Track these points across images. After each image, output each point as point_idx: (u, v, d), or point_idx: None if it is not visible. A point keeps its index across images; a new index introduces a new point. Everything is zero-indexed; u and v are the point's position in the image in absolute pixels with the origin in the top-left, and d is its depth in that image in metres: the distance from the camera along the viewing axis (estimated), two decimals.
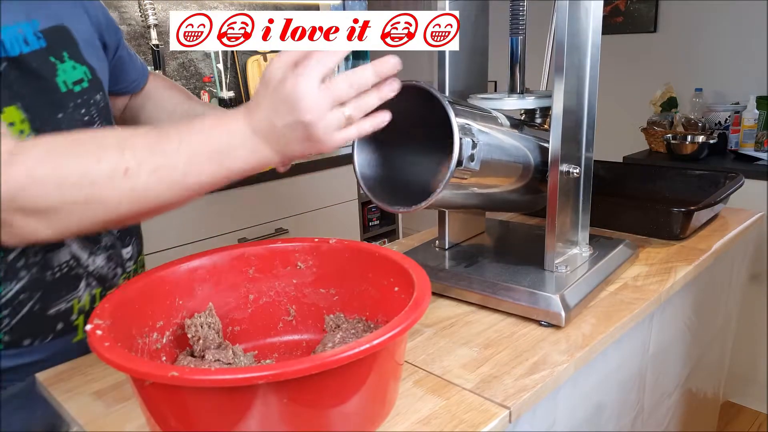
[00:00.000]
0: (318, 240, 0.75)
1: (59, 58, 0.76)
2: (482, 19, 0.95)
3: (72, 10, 0.82)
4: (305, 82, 0.56)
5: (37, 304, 0.76)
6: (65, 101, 0.76)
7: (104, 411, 0.65)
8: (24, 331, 0.76)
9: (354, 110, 0.58)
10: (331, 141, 0.58)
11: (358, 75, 0.58)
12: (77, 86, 0.78)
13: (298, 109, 0.56)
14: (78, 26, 0.81)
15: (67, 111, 0.76)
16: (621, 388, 0.90)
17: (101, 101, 0.82)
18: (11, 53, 0.70)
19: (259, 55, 2.48)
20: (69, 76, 0.77)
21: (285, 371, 0.46)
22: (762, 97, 2.27)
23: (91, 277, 0.81)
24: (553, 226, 0.84)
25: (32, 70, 0.72)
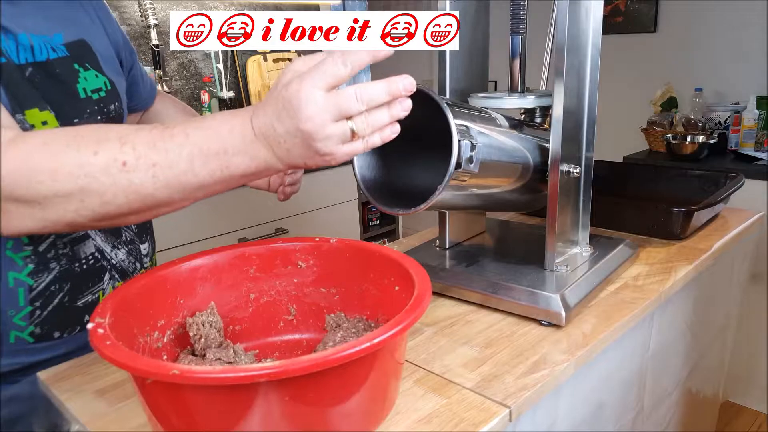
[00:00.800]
0: (319, 239, 0.75)
1: (83, 66, 0.80)
2: (482, 19, 0.96)
3: (91, 26, 0.85)
4: (308, 89, 0.53)
5: (66, 296, 0.77)
6: (83, 107, 0.78)
7: (106, 409, 0.65)
8: (54, 322, 0.77)
9: (361, 125, 0.55)
10: (332, 154, 0.56)
11: (369, 90, 0.55)
12: (96, 94, 0.81)
13: (299, 117, 0.53)
14: (97, 42, 0.84)
15: (83, 116, 0.78)
16: (621, 388, 0.90)
17: (115, 111, 0.84)
18: (39, 58, 0.74)
19: (259, 55, 2.48)
20: (89, 84, 0.80)
21: (286, 369, 0.46)
22: (762, 97, 2.27)
23: (114, 270, 0.83)
24: (554, 225, 0.85)
25: (56, 75, 0.75)
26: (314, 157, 0.56)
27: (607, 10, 2.76)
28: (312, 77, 0.53)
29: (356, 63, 0.54)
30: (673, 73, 2.62)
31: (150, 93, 1.03)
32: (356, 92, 0.54)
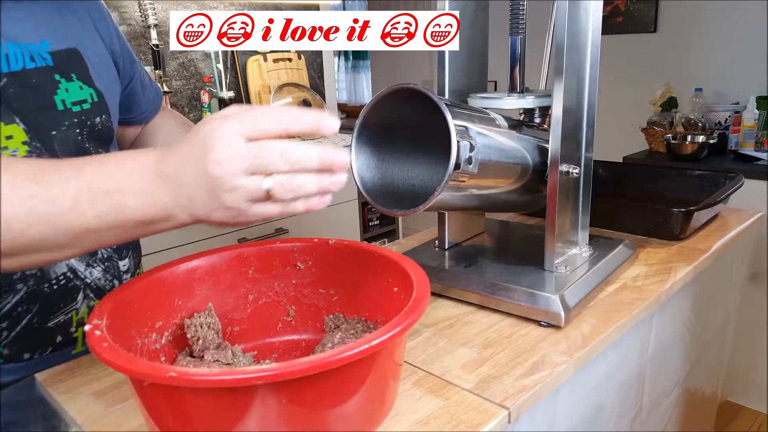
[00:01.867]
0: (317, 240, 0.75)
1: (66, 77, 0.76)
2: (482, 19, 0.95)
3: (85, 34, 0.82)
4: (227, 131, 0.47)
5: (35, 317, 0.75)
6: (61, 119, 0.75)
7: (103, 411, 0.65)
8: (23, 344, 0.75)
9: (279, 187, 0.48)
10: (240, 210, 0.48)
11: (297, 151, 0.48)
12: (77, 106, 0.77)
13: (208, 158, 0.46)
14: (91, 50, 0.81)
15: (60, 129, 0.75)
16: (620, 388, 0.90)
17: (101, 125, 0.81)
18: (14, 68, 0.70)
19: (259, 55, 2.48)
20: (71, 96, 0.76)
21: (284, 371, 0.46)
22: (762, 97, 2.27)
23: (88, 289, 0.81)
24: (553, 226, 0.84)
25: (31, 85, 0.72)
26: (219, 210, 0.49)
27: (607, 10, 2.76)
28: (235, 120, 0.47)
29: (293, 125, 0.48)
30: (673, 73, 2.62)
31: (152, 106, 0.99)
32: (283, 149, 0.47)
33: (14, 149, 0.70)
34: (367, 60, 4.78)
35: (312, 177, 0.49)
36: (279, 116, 0.48)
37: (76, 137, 0.77)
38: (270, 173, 0.47)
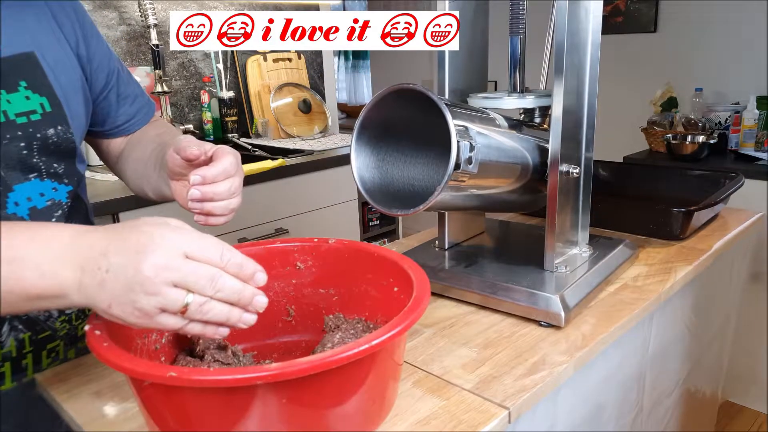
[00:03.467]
0: (317, 240, 0.75)
1: (11, 87, 0.70)
2: (482, 19, 0.95)
3: (48, 36, 0.76)
4: (172, 240, 0.48)
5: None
6: (2, 132, 0.70)
7: (103, 411, 0.65)
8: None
9: (195, 307, 0.48)
10: (146, 314, 0.48)
11: (225, 281, 0.49)
12: (22, 117, 0.71)
13: (145, 258, 0.46)
14: (51, 53, 0.75)
15: (2, 142, 0.70)
16: (621, 388, 0.90)
17: (56, 136, 0.74)
18: None
19: (259, 55, 2.48)
20: (14, 107, 0.71)
21: (284, 371, 0.46)
22: (762, 97, 2.27)
23: (16, 321, 0.75)
24: (553, 226, 0.84)
25: None
26: (126, 306, 0.47)
27: (607, 10, 2.76)
28: (184, 236, 0.49)
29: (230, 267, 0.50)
30: (673, 73, 2.62)
31: (135, 120, 0.90)
32: (213, 275, 0.49)
33: None
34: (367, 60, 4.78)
35: (225, 308, 0.50)
36: (224, 254, 0.50)
37: (20, 151, 0.71)
38: (191, 291, 0.48)
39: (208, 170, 0.65)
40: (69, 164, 0.78)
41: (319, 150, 2.23)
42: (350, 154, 0.78)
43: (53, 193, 0.76)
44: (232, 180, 0.66)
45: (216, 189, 0.65)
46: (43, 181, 0.75)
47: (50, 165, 0.75)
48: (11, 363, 0.76)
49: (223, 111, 2.37)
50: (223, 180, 0.66)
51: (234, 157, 0.67)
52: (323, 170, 2.13)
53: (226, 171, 0.66)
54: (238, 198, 0.68)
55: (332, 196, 2.21)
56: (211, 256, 0.49)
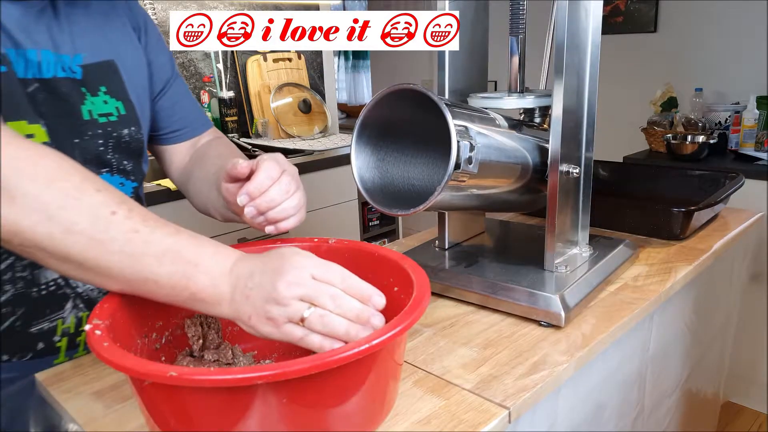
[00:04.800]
0: (317, 240, 0.75)
1: (93, 91, 0.78)
2: (482, 19, 0.95)
3: (127, 45, 0.83)
4: (304, 264, 0.55)
5: (19, 320, 0.75)
6: (85, 128, 0.77)
7: (103, 411, 0.65)
8: (3, 345, 0.75)
9: (315, 318, 0.54)
10: (276, 324, 0.54)
11: (345, 299, 0.55)
12: (103, 118, 0.78)
13: (282, 277, 0.53)
14: (129, 60, 0.83)
15: (84, 138, 0.77)
16: (621, 388, 0.90)
17: (130, 136, 0.82)
18: (45, 75, 0.73)
19: (259, 55, 2.48)
20: (96, 108, 0.78)
21: (284, 371, 0.46)
22: (762, 97, 2.27)
23: (78, 299, 0.79)
24: (553, 226, 0.84)
25: (60, 93, 0.74)
26: (261, 317, 0.54)
27: (607, 10, 2.76)
28: (312, 262, 0.56)
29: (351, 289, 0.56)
30: (673, 73, 2.62)
31: (188, 127, 0.95)
32: (334, 293, 0.55)
33: None
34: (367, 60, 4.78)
35: (344, 322, 0.55)
36: (345, 278, 0.56)
37: (98, 147, 0.78)
38: (315, 305, 0.54)
39: (251, 185, 0.67)
40: (136, 163, 0.85)
41: (319, 150, 2.23)
42: (350, 154, 0.78)
43: (120, 188, 0.82)
44: (279, 183, 0.69)
45: (267, 198, 0.68)
46: (113, 176, 0.81)
47: (120, 162, 0.82)
48: (68, 339, 0.79)
49: (223, 111, 2.37)
50: (270, 186, 0.68)
51: (273, 161, 0.70)
52: (323, 170, 2.13)
53: (270, 177, 0.68)
54: (296, 196, 0.71)
55: (332, 196, 2.21)
56: (334, 278, 0.55)
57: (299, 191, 0.72)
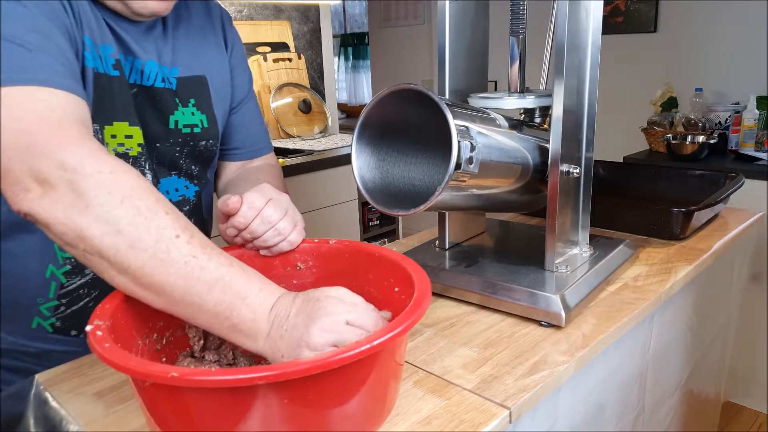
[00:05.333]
0: (318, 240, 0.75)
1: (184, 102, 0.84)
2: (482, 19, 0.95)
3: (218, 64, 0.89)
4: (340, 308, 0.56)
5: (92, 301, 0.82)
6: (167, 136, 0.83)
7: (104, 411, 0.65)
8: (75, 321, 0.82)
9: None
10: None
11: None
12: (187, 129, 0.85)
13: (316, 323, 0.55)
14: (218, 77, 0.88)
15: (165, 144, 0.83)
16: (621, 389, 0.90)
17: (206, 147, 0.88)
18: (146, 83, 0.79)
19: (258, 55, 2.48)
20: (184, 119, 0.84)
21: (285, 372, 0.46)
22: (762, 97, 2.26)
23: None
24: (554, 226, 0.84)
25: (155, 101, 0.81)
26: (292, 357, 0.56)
27: (607, 10, 2.76)
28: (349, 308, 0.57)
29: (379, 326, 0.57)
30: (673, 73, 2.62)
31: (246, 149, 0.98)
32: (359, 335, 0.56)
33: (128, 147, 0.79)
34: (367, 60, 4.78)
35: None
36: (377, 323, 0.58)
37: (174, 153, 0.84)
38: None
39: (234, 220, 0.72)
40: (203, 169, 0.90)
41: (319, 150, 2.23)
42: (351, 154, 0.78)
43: (185, 190, 0.89)
44: (261, 215, 0.72)
45: (249, 230, 0.72)
46: (180, 178, 0.87)
47: (189, 166, 0.88)
48: None
49: None
50: (253, 217, 0.71)
51: (257, 192, 0.73)
52: (323, 170, 2.14)
53: (253, 208, 0.71)
54: (283, 222, 0.73)
55: (332, 196, 2.21)
56: (366, 324, 0.56)
57: (287, 216, 0.74)
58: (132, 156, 0.79)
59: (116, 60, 0.75)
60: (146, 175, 0.81)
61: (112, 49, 0.75)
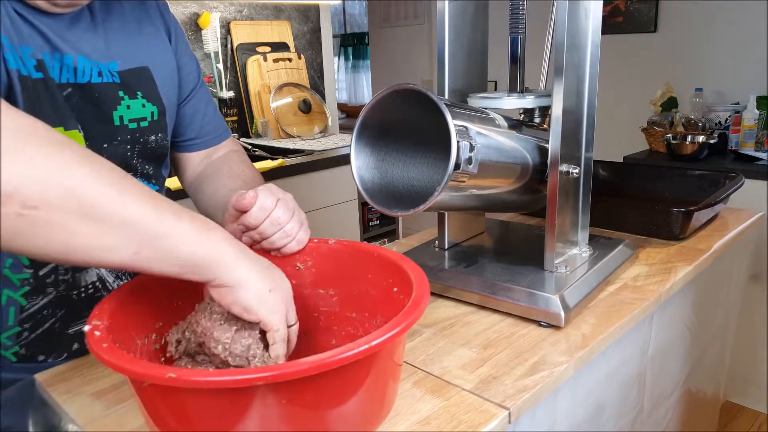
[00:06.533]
0: (317, 240, 0.75)
1: (132, 94, 0.79)
2: (481, 19, 0.95)
3: (161, 53, 0.84)
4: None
5: (58, 321, 0.78)
6: (115, 133, 0.78)
7: (103, 412, 0.65)
8: (41, 346, 0.78)
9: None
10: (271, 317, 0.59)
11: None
12: (133, 123, 0.80)
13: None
14: (162, 68, 0.83)
15: (113, 142, 0.78)
16: (621, 389, 0.90)
17: (155, 142, 0.83)
18: (80, 80, 0.74)
19: (258, 55, 2.48)
20: (130, 113, 0.79)
21: (284, 372, 0.46)
22: (762, 97, 2.26)
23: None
24: (553, 226, 0.84)
25: (94, 99, 0.75)
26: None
27: (607, 10, 2.76)
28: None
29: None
30: (673, 73, 2.62)
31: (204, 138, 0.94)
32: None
33: None
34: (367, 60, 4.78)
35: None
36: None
37: (125, 152, 0.79)
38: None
39: (247, 218, 0.70)
40: (157, 167, 0.86)
41: (319, 150, 2.23)
42: (350, 154, 0.78)
43: None
44: (271, 217, 0.70)
45: (259, 230, 0.71)
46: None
47: (144, 166, 0.83)
48: None
49: (223, 111, 2.37)
50: (264, 218, 0.70)
51: (268, 191, 0.71)
52: (323, 170, 2.14)
53: (263, 209, 0.70)
54: (290, 224, 0.72)
55: (332, 196, 2.21)
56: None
57: (295, 217, 0.73)
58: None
59: (38, 60, 0.69)
60: None
61: (32, 50, 0.69)
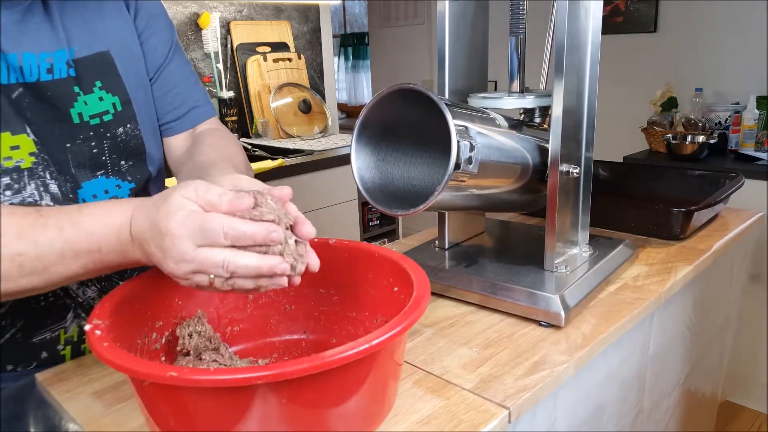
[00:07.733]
0: (317, 240, 0.75)
1: (87, 88, 0.74)
2: (481, 19, 0.95)
3: (122, 30, 0.78)
4: (181, 228, 0.51)
5: (19, 331, 0.75)
6: (77, 132, 0.74)
7: (103, 411, 0.65)
8: (6, 356, 0.75)
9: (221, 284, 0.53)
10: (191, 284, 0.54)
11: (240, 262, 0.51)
12: (95, 119, 0.75)
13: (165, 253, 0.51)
14: (123, 48, 0.78)
15: (76, 141, 0.74)
16: (621, 388, 0.90)
17: (126, 133, 0.78)
18: (29, 79, 0.70)
19: (258, 55, 2.48)
20: (89, 109, 0.74)
21: (284, 371, 0.46)
22: (762, 97, 2.27)
23: (80, 309, 0.79)
24: (553, 226, 0.84)
25: (47, 98, 0.71)
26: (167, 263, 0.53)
27: (607, 10, 2.76)
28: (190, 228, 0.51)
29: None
30: (673, 73, 2.62)
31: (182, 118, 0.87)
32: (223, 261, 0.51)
33: (19, 159, 0.69)
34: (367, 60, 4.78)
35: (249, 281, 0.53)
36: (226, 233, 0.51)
37: (91, 150, 0.75)
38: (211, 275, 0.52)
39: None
40: (135, 162, 0.80)
41: (319, 150, 2.23)
42: (350, 154, 0.78)
43: (116, 190, 0.79)
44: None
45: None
46: (108, 178, 0.78)
47: (116, 162, 0.78)
48: (72, 347, 0.80)
49: (223, 111, 2.37)
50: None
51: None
52: (323, 170, 2.14)
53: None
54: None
55: (332, 196, 2.22)
56: (217, 239, 0.51)
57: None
58: (26, 168, 0.70)
59: None
60: (51, 185, 0.72)
61: None
